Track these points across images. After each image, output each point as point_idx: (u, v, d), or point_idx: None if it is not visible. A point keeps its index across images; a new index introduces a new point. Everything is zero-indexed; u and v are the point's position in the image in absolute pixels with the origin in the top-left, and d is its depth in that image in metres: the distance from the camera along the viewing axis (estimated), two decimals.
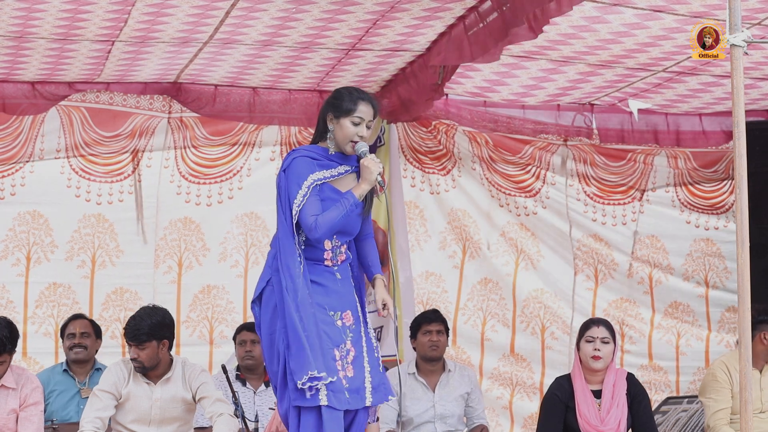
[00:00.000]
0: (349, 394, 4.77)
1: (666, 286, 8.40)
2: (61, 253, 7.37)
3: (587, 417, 6.20)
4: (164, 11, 5.87)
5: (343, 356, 4.80)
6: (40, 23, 5.98)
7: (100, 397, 6.14)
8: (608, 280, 8.31)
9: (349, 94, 4.87)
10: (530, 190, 8.16)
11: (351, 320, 4.88)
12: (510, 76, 7.15)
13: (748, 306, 4.39)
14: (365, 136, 4.85)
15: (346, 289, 4.92)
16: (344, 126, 4.82)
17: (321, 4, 5.84)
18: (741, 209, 4.44)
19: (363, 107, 4.82)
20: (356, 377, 4.81)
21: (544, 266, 8.19)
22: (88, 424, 6.06)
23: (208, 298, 7.62)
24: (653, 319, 8.35)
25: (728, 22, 4.47)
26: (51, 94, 7.09)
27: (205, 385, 6.21)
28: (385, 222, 7.65)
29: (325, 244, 4.85)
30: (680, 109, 7.98)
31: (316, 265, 4.87)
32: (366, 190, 4.83)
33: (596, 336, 6.28)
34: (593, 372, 6.29)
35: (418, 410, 6.87)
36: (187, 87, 7.27)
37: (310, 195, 4.76)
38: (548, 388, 6.52)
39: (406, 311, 7.56)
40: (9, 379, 6.21)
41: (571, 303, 8.19)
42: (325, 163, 4.85)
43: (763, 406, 6.75)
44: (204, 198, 7.60)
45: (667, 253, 8.42)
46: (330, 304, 4.82)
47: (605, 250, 8.30)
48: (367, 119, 4.83)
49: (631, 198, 8.34)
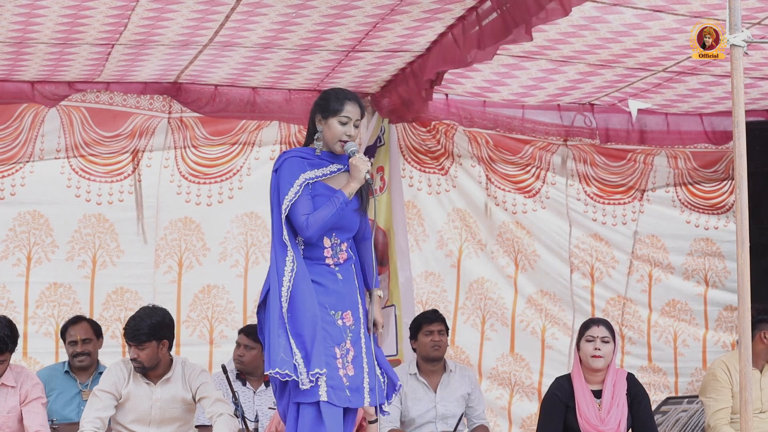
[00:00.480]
0: (351, 393, 4.84)
1: (665, 284, 8.40)
2: (61, 253, 7.36)
3: (587, 417, 6.20)
4: (164, 15, 5.88)
5: (344, 355, 4.87)
6: (40, 28, 5.99)
7: (100, 397, 6.14)
8: (605, 278, 8.30)
9: (336, 94, 4.98)
10: (530, 190, 8.15)
11: (351, 320, 4.94)
12: (510, 77, 7.15)
13: (749, 306, 4.40)
14: (353, 136, 4.95)
15: (348, 290, 4.97)
16: (332, 126, 4.92)
17: (321, 9, 5.84)
18: (741, 209, 4.44)
19: (349, 107, 4.93)
20: (357, 376, 4.89)
21: (541, 266, 8.18)
22: (88, 424, 6.06)
23: (209, 298, 7.61)
24: (650, 317, 8.35)
25: (728, 22, 4.47)
26: (51, 94, 7.09)
27: (205, 385, 6.21)
28: (385, 222, 7.67)
29: (324, 242, 4.92)
30: (680, 109, 7.98)
31: (317, 265, 4.92)
32: (355, 188, 4.91)
33: (596, 335, 6.29)
34: (593, 372, 6.29)
35: (419, 410, 6.87)
36: (187, 87, 7.27)
37: (302, 193, 4.85)
38: (548, 388, 6.52)
39: (405, 311, 7.56)
40: (9, 377, 6.23)
41: (570, 303, 8.19)
42: (316, 162, 4.95)
43: (763, 406, 6.76)
44: (204, 198, 7.59)
45: (668, 253, 8.42)
46: (330, 304, 4.88)
47: (605, 249, 8.30)
48: (354, 118, 4.94)
49: (631, 198, 8.34)
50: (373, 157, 7.57)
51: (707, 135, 8.16)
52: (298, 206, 4.84)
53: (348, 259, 5.01)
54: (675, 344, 8.39)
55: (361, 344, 4.96)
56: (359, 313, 5.00)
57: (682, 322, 8.40)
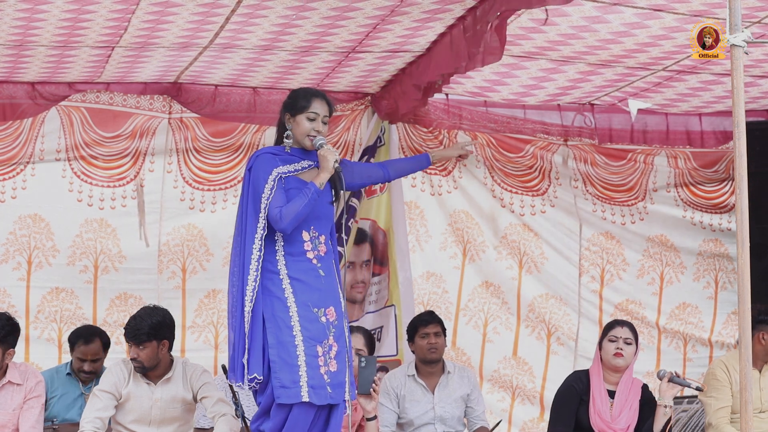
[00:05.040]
0: (332, 389, 5.00)
1: (677, 286, 8.38)
2: (62, 258, 7.33)
3: (600, 412, 6.27)
4: (164, 18, 5.88)
5: (326, 352, 5.00)
6: (40, 32, 5.99)
7: (100, 397, 6.14)
8: (615, 281, 8.28)
9: (303, 92, 5.19)
10: (538, 189, 8.13)
11: (334, 316, 5.08)
12: (510, 76, 7.15)
13: (749, 306, 4.41)
14: (322, 132, 5.12)
15: (329, 286, 5.11)
16: (300, 122, 5.12)
17: (321, 11, 5.86)
18: (741, 209, 4.45)
19: (317, 103, 5.12)
20: (339, 371, 5.03)
21: (548, 269, 8.16)
22: (87, 424, 6.07)
23: (214, 303, 7.59)
24: (658, 321, 8.32)
25: (728, 21, 4.48)
26: (51, 95, 7.09)
27: (207, 385, 6.23)
28: (385, 222, 7.66)
29: (303, 236, 5.08)
30: (680, 109, 7.97)
31: (300, 262, 5.07)
32: (326, 178, 5.04)
33: (619, 336, 6.42)
34: (613, 371, 6.39)
35: (417, 412, 6.86)
36: (188, 87, 7.26)
37: (276, 187, 5.01)
38: (565, 379, 6.60)
39: (406, 311, 7.55)
40: (15, 375, 6.26)
41: (576, 308, 8.16)
42: (287, 158, 5.12)
43: (763, 406, 6.75)
44: (208, 204, 7.57)
45: (679, 252, 8.41)
46: (313, 301, 5.02)
47: (617, 248, 8.27)
48: (322, 114, 5.12)
49: (635, 198, 8.31)
50: (373, 157, 7.57)
51: (707, 135, 8.15)
52: (273, 200, 5.01)
53: (328, 252, 5.14)
54: (685, 350, 8.37)
55: (345, 339, 5.10)
56: (342, 308, 5.12)
57: (690, 325, 8.38)
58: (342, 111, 7.59)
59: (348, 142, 7.68)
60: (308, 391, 4.90)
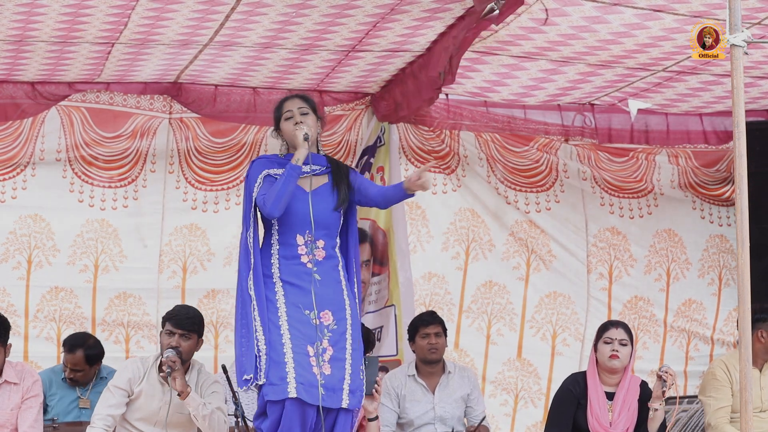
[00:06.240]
0: (325, 391, 5.00)
1: (683, 282, 8.36)
2: (63, 257, 7.32)
3: (598, 415, 6.25)
4: (164, 15, 5.88)
5: (319, 354, 5.02)
6: (40, 26, 5.99)
7: (114, 393, 6.10)
8: (623, 277, 8.25)
9: (278, 103, 5.36)
10: (542, 184, 8.10)
11: (331, 320, 5.10)
12: (510, 77, 7.14)
13: (749, 306, 4.42)
14: (306, 122, 5.21)
15: (327, 291, 5.14)
16: (284, 127, 5.27)
17: (321, 8, 5.86)
18: (741, 209, 4.46)
19: (287, 103, 5.30)
20: (334, 376, 5.04)
21: (557, 266, 8.12)
22: (99, 421, 6.03)
23: (213, 303, 7.59)
24: (666, 319, 8.31)
25: (728, 22, 4.49)
26: (51, 94, 7.09)
27: (214, 394, 6.22)
28: (385, 222, 7.66)
29: (297, 239, 5.13)
30: (680, 109, 7.96)
31: (293, 265, 5.14)
32: (302, 154, 5.13)
33: (615, 338, 6.38)
34: (610, 373, 6.37)
35: (417, 412, 6.86)
36: (188, 87, 7.26)
37: (264, 183, 5.15)
38: (562, 382, 6.57)
39: (406, 311, 7.53)
40: (11, 374, 6.21)
41: (585, 306, 8.14)
42: (281, 161, 5.24)
43: (763, 405, 6.75)
44: (211, 204, 7.57)
45: (685, 248, 8.39)
46: (304, 303, 5.07)
47: (623, 244, 8.25)
48: (295, 108, 5.25)
49: (644, 189, 8.27)
50: (373, 157, 7.57)
51: (707, 135, 8.14)
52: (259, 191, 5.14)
53: (329, 257, 5.16)
54: (687, 348, 8.37)
55: (345, 345, 5.11)
56: (345, 314, 5.14)
57: (695, 323, 8.36)
58: (343, 111, 7.59)
59: (350, 142, 7.68)
60: (296, 388, 4.93)
